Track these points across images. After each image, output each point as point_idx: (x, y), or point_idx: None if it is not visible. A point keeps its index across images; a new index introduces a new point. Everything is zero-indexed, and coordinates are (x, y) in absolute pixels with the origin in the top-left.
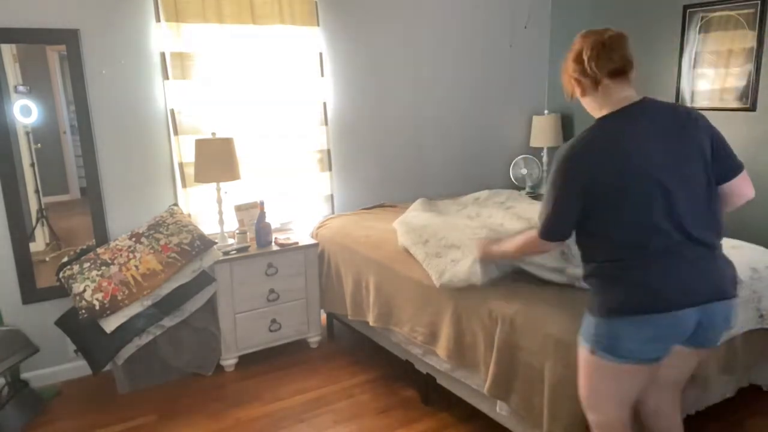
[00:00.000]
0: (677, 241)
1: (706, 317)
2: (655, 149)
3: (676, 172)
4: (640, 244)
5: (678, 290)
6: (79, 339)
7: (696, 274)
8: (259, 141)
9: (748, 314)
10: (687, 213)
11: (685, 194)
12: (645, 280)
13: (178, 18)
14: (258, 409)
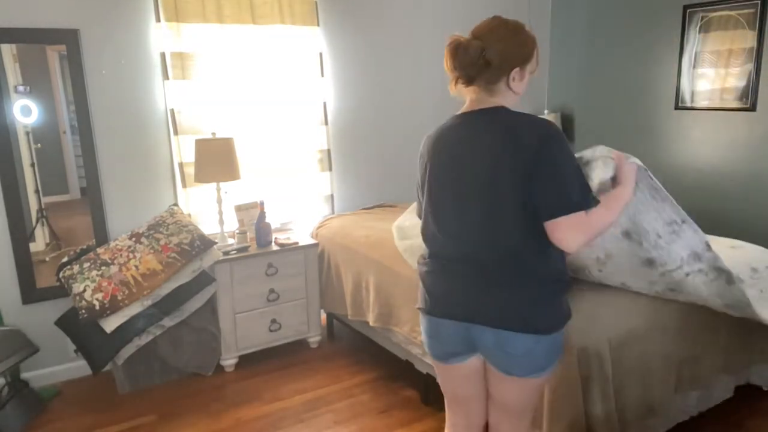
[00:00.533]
0: (452, 253)
1: (476, 337)
2: (464, 162)
3: (476, 191)
4: (430, 245)
5: (439, 300)
6: (79, 339)
7: (459, 291)
8: (259, 141)
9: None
10: (470, 231)
11: (477, 214)
12: (427, 281)
13: (178, 18)
14: (258, 409)
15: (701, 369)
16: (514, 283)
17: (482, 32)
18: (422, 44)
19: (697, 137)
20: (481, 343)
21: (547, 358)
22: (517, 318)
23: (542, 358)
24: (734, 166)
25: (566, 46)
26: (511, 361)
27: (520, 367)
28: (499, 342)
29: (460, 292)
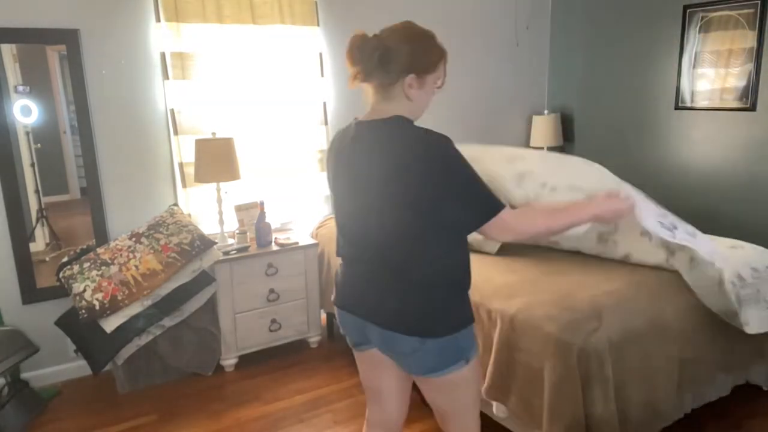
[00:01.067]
0: (352, 255)
1: (369, 334)
2: (360, 175)
3: (370, 204)
4: (338, 244)
5: (342, 294)
6: (79, 339)
7: (356, 288)
8: (259, 141)
9: (762, 313)
10: (364, 239)
11: (371, 225)
12: (338, 274)
13: (178, 18)
14: (258, 409)
15: (701, 369)
16: (401, 288)
17: (386, 31)
18: None
19: (697, 137)
20: (374, 340)
21: (440, 359)
22: (400, 320)
23: (432, 359)
24: (734, 166)
25: (566, 46)
26: (402, 360)
27: (413, 366)
28: (386, 341)
29: (356, 289)
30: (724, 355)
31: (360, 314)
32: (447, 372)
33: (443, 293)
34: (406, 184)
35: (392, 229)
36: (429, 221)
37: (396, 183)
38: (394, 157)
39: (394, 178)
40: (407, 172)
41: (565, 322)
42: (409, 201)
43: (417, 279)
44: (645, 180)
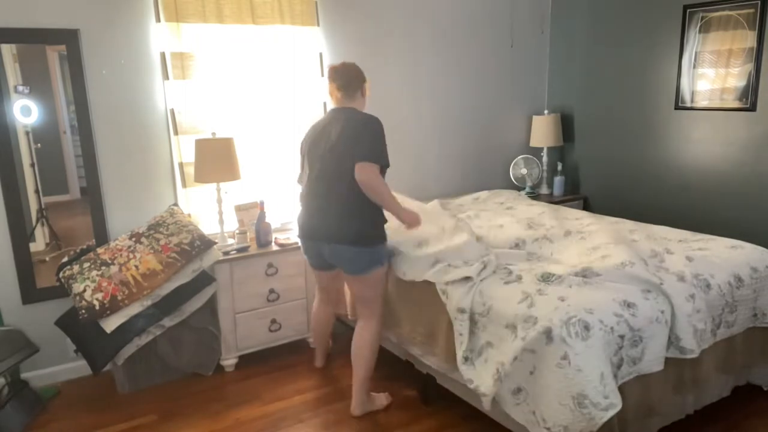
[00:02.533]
0: (314, 190)
1: (326, 252)
2: (321, 136)
3: (324, 153)
4: (304, 191)
5: (303, 226)
6: (79, 339)
7: (314, 220)
8: (260, 141)
9: (746, 313)
10: (320, 179)
11: (325, 168)
12: (300, 214)
13: (178, 18)
14: (258, 409)
15: (701, 369)
16: (344, 214)
17: (345, 65)
18: (421, 44)
19: (697, 137)
20: (326, 254)
21: (367, 263)
22: (344, 236)
23: (362, 262)
24: (734, 166)
25: (566, 46)
26: (345, 264)
27: (351, 268)
28: (335, 252)
29: (314, 221)
30: (724, 355)
31: (317, 238)
32: (370, 272)
33: (370, 219)
34: (354, 140)
35: (342, 170)
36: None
37: (349, 139)
38: (352, 124)
39: (351, 135)
40: (356, 132)
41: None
42: (352, 151)
43: (352, 208)
44: (645, 180)
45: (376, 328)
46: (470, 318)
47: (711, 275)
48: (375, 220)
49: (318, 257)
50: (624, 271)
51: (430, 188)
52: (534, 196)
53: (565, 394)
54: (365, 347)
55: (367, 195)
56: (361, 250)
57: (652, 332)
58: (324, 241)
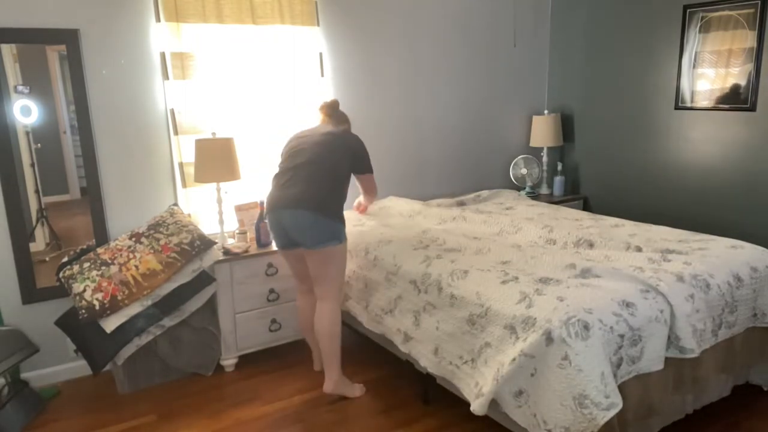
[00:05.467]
0: (285, 173)
1: (288, 222)
2: (313, 134)
3: (315, 147)
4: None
5: (269, 199)
6: (79, 339)
7: (280, 190)
8: (260, 141)
9: (746, 313)
10: (305, 165)
11: (313, 158)
12: (270, 193)
13: (178, 18)
14: (258, 409)
15: (701, 369)
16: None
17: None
18: (422, 44)
19: (697, 137)
20: (286, 221)
21: (326, 235)
22: (306, 204)
23: (320, 233)
24: (734, 166)
25: (566, 46)
26: (303, 235)
27: (308, 239)
28: (295, 217)
29: (282, 192)
30: (724, 355)
31: (281, 207)
32: (327, 244)
33: (333, 200)
34: (352, 152)
35: (331, 164)
36: (338, 169)
37: (349, 148)
38: (351, 138)
39: (351, 147)
40: (355, 146)
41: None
42: (333, 156)
43: (323, 186)
44: (645, 180)
45: (335, 308)
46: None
47: (710, 275)
48: (339, 203)
49: (281, 231)
50: (622, 272)
51: (430, 188)
52: (534, 196)
53: (567, 394)
54: (325, 329)
55: (363, 196)
56: (318, 219)
57: (651, 331)
58: (286, 209)
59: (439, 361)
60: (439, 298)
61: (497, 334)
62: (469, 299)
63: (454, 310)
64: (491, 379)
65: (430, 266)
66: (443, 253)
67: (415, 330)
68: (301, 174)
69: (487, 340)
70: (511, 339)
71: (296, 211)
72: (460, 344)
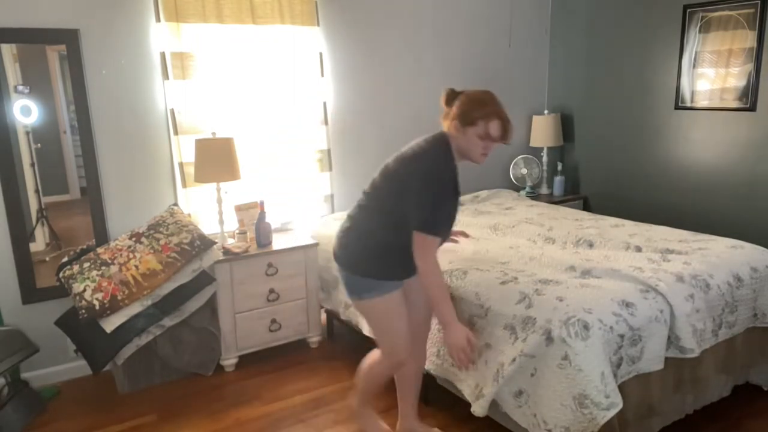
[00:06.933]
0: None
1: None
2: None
3: (379, 175)
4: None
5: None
6: (79, 339)
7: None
8: (259, 141)
9: (746, 313)
10: (366, 193)
11: (372, 189)
12: None
13: (178, 18)
14: (258, 409)
15: (701, 369)
16: (354, 231)
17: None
18: (422, 44)
19: (697, 137)
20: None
21: (357, 288)
22: (340, 254)
23: (351, 285)
24: (734, 166)
25: (566, 46)
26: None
27: (344, 285)
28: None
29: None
30: (724, 355)
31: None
32: (353, 298)
33: (372, 250)
34: (399, 174)
35: (374, 194)
36: (386, 206)
37: (393, 167)
38: (408, 154)
39: (397, 167)
40: (403, 166)
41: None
42: (395, 182)
43: (361, 243)
44: (645, 180)
45: (382, 361)
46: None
47: (710, 275)
48: (383, 260)
49: None
50: (621, 272)
51: None
52: (534, 196)
53: (567, 394)
54: (363, 369)
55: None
56: (348, 275)
57: (651, 331)
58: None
59: (441, 363)
60: None
61: (497, 334)
62: (468, 300)
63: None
64: (491, 380)
65: None
66: (440, 254)
67: None
68: (355, 208)
69: (487, 341)
70: (510, 339)
71: (334, 254)
72: None
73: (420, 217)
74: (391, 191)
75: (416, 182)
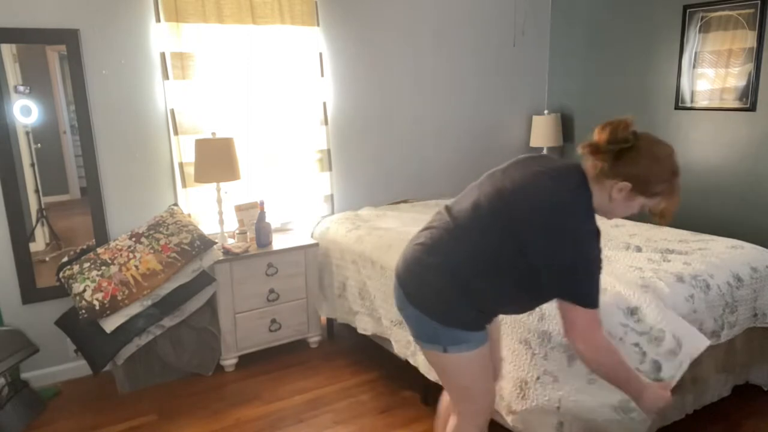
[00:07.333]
0: (435, 221)
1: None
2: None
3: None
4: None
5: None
6: (79, 339)
7: (408, 250)
8: (259, 141)
9: (746, 313)
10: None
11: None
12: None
13: (178, 18)
14: (258, 409)
15: (701, 369)
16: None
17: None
18: (422, 44)
19: (697, 137)
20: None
21: (430, 334)
22: (415, 293)
23: (424, 330)
24: (734, 166)
25: (566, 46)
26: (409, 321)
27: (414, 330)
28: (399, 299)
29: (408, 253)
30: (724, 355)
31: (396, 273)
32: (429, 347)
33: (468, 296)
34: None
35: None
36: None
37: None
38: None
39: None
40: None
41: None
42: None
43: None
44: None
45: (466, 427)
46: None
47: (710, 275)
48: (470, 302)
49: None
50: (623, 274)
51: (430, 188)
52: None
53: (607, 407)
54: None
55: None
56: (423, 319)
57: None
58: (397, 279)
59: None
60: None
61: (513, 348)
62: None
63: None
64: (517, 398)
65: None
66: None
67: None
68: (440, 233)
69: (502, 354)
70: (527, 354)
71: (400, 292)
72: None
73: (586, 291)
74: (507, 242)
75: (569, 250)
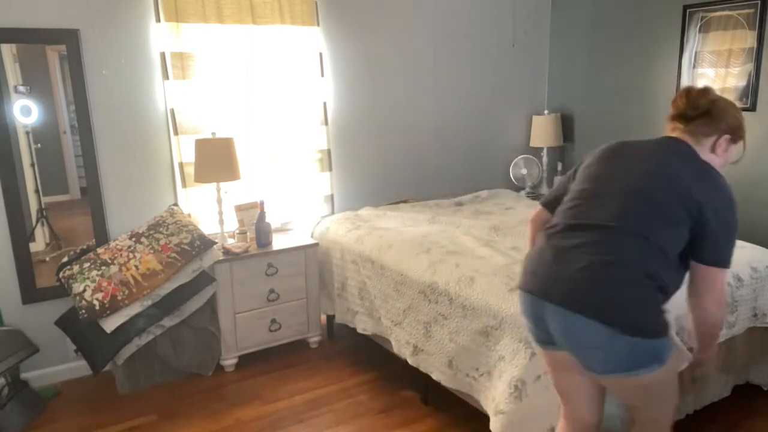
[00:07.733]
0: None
1: (551, 320)
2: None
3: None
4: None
5: (529, 270)
6: (79, 339)
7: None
8: (259, 141)
9: (746, 313)
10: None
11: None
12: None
13: (178, 18)
14: (258, 409)
15: (701, 369)
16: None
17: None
18: (422, 44)
19: None
20: (551, 325)
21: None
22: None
23: (621, 357)
24: (734, 166)
25: (566, 45)
26: (586, 355)
27: (599, 363)
28: (563, 325)
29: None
30: (724, 355)
31: (542, 294)
32: (631, 374)
33: (658, 293)
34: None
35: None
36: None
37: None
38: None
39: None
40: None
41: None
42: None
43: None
44: None
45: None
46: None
47: None
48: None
49: (538, 321)
50: None
51: (430, 188)
52: (534, 196)
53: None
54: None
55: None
56: (618, 337)
57: None
58: (553, 303)
59: (455, 374)
60: (451, 309)
61: (512, 347)
62: (482, 310)
63: (467, 321)
64: (509, 397)
65: (436, 274)
66: (446, 256)
67: (426, 342)
68: (602, 240)
69: (501, 354)
70: (526, 354)
71: (575, 317)
72: (476, 356)
73: (730, 251)
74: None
75: (728, 212)
